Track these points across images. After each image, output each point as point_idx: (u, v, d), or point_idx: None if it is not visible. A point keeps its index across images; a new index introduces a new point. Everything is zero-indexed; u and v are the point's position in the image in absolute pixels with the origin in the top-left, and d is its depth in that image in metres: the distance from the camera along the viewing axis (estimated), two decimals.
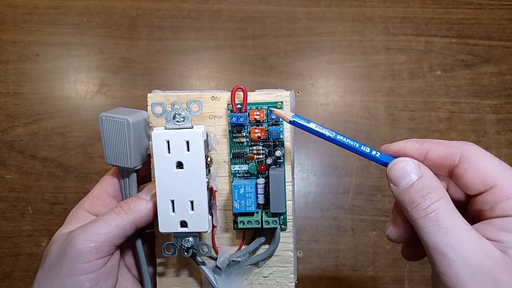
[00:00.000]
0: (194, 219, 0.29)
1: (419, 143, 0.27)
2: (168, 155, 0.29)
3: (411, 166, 0.26)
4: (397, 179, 0.26)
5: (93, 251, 0.28)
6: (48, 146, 0.56)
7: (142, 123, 0.31)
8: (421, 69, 0.57)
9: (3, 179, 0.55)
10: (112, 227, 0.29)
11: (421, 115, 0.56)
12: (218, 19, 0.59)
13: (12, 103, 0.57)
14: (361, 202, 0.55)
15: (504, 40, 0.58)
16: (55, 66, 0.58)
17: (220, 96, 0.31)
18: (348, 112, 0.57)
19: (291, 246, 0.32)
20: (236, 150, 0.32)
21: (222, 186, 0.32)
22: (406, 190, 0.25)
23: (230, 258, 0.31)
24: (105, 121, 0.31)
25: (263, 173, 0.31)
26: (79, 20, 0.59)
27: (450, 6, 0.59)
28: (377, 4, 0.59)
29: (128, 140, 0.30)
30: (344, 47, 0.58)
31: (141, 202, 0.30)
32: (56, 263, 0.28)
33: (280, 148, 0.31)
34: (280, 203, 0.29)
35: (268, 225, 0.30)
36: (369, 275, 0.53)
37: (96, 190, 0.33)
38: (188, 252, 0.30)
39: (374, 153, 0.27)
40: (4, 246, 0.54)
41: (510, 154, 0.55)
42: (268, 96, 0.31)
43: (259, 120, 0.31)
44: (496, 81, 0.57)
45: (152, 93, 0.32)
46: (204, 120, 0.32)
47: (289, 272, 0.33)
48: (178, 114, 0.29)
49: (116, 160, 0.31)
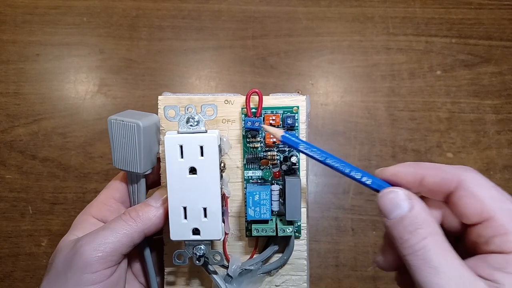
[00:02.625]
0: (207, 226, 0.28)
1: (414, 168, 0.25)
2: (181, 160, 0.28)
3: (401, 198, 0.24)
4: (387, 211, 0.25)
5: (101, 260, 0.27)
6: (48, 146, 0.56)
7: (153, 127, 0.30)
8: (421, 69, 0.57)
9: (3, 179, 0.55)
10: (120, 236, 0.28)
11: (421, 115, 0.56)
12: (218, 19, 0.59)
13: (12, 103, 0.57)
14: (361, 202, 0.55)
15: (504, 40, 0.58)
16: (55, 66, 0.58)
17: (234, 99, 0.31)
18: (348, 112, 0.57)
19: (304, 255, 0.32)
20: (250, 155, 0.31)
21: (234, 192, 0.32)
22: (395, 223, 0.24)
23: (242, 266, 0.31)
24: (115, 124, 0.30)
25: (278, 179, 0.31)
26: (80, 20, 0.59)
27: (450, 6, 0.59)
28: (377, 4, 0.59)
29: (138, 145, 0.29)
30: (344, 47, 0.58)
31: (151, 210, 0.29)
32: (62, 272, 0.28)
33: (295, 154, 0.31)
34: (296, 211, 0.28)
35: (284, 233, 0.29)
36: (369, 275, 0.53)
37: (103, 195, 0.32)
38: (200, 261, 0.29)
39: (365, 179, 0.26)
40: (4, 246, 0.54)
41: (510, 154, 0.55)
42: (284, 100, 0.31)
43: (274, 125, 0.30)
44: (496, 81, 0.57)
45: (162, 95, 0.31)
46: (217, 124, 0.31)
47: (302, 280, 0.32)
48: (192, 118, 0.28)
49: (125, 165, 0.30)
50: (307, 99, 0.31)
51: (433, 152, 0.55)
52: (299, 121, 0.31)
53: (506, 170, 0.55)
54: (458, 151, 0.55)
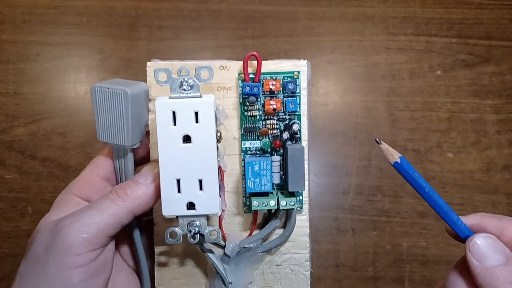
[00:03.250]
0: (203, 200, 0.26)
1: (498, 219, 0.25)
2: (173, 128, 0.25)
3: (499, 246, 0.24)
4: (484, 256, 0.24)
5: (85, 242, 0.25)
6: (48, 146, 0.56)
7: (142, 95, 0.28)
8: (421, 69, 0.57)
9: (3, 179, 0.55)
10: (107, 216, 0.25)
11: (422, 115, 0.56)
12: (218, 19, 0.59)
13: (11, 103, 0.57)
14: (361, 202, 0.55)
15: (505, 40, 0.58)
16: (55, 66, 0.58)
17: (229, 65, 0.29)
18: (348, 112, 0.57)
19: (307, 231, 0.30)
20: (248, 124, 0.29)
21: (231, 166, 0.29)
22: (491, 270, 0.23)
23: (240, 244, 0.29)
24: (99, 92, 0.27)
25: (278, 149, 0.29)
26: (79, 20, 0.59)
27: (450, 6, 0.59)
28: (377, 4, 0.59)
29: (126, 115, 0.26)
30: (344, 47, 0.58)
31: (139, 187, 0.27)
32: (42, 256, 0.25)
33: (297, 122, 0.28)
34: (299, 181, 0.26)
35: (286, 206, 0.27)
36: (369, 275, 0.53)
37: (87, 173, 0.30)
38: (194, 239, 0.27)
39: (460, 223, 0.26)
40: (4, 246, 0.54)
41: (510, 154, 0.55)
42: (284, 65, 0.29)
43: (274, 91, 0.28)
44: (496, 81, 0.57)
45: (152, 61, 0.29)
46: (212, 91, 0.29)
47: (305, 259, 0.30)
48: (185, 82, 0.25)
49: (110, 138, 0.27)
50: (308, 64, 0.29)
51: (433, 152, 0.55)
52: (300, 87, 0.29)
53: (506, 170, 0.55)
54: (458, 151, 0.55)
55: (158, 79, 0.26)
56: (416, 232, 0.54)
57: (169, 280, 0.30)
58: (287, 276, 0.30)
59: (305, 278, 0.30)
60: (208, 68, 0.26)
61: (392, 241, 0.54)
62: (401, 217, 0.54)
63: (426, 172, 0.54)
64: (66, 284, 0.25)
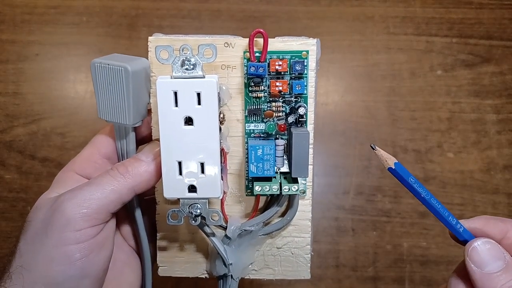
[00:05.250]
0: (205, 183, 0.25)
1: (502, 221, 0.25)
2: (175, 109, 0.24)
3: (498, 251, 0.24)
4: (482, 262, 0.24)
5: (85, 218, 0.24)
6: (47, 146, 0.56)
7: (143, 72, 0.27)
8: (422, 68, 0.57)
9: (3, 179, 0.55)
10: (107, 192, 0.25)
11: (422, 115, 0.56)
12: (218, 18, 0.59)
13: (11, 103, 0.57)
14: (362, 202, 0.55)
15: (505, 40, 0.58)
16: (54, 65, 0.58)
17: (234, 42, 0.27)
18: (349, 112, 0.57)
19: (309, 215, 0.30)
20: (252, 106, 0.27)
21: (234, 148, 0.28)
22: (490, 276, 0.23)
23: (242, 227, 0.28)
24: (99, 68, 0.26)
25: (283, 133, 0.28)
26: (79, 19, 0.59)
27: (450, 6, 0.59)
28: (377, 3, 0.59)
29: (126, 92, 0.26)
30: (344, 46, 0.58)
31: (141, 164, 0.26)
32: (41, 231, 0.25)
33: (303, 105, 0.27)
34: (303, 167, 0.25)
35: (288, 192, 0.26)
36: (369, 276, 0.53)
37: (88, 151, 0.29)
38: (196, 221, 0.26)
39: (458, 226, 0.25)
40: (3, 246, 0.54)
41: (511, 154, 0.55)
42: (292, 44, 0.27)
43: (280, 72, 0.27)
44: (496, 81, 0.57)
45: (153, 36, 0.28)
46: (216, 70, 0.27)
47: (306, 243, 0.30)
48: (187, 61, 0.24)
49: (111, 116, 0.27)
50: (318, 43, 0.28)
51: (434, 152, 0.55)
52: (308, 68, 0.28)
53: (506, 170, 0.55)
54: (458, 151, 0.55)
55: (160, 57, 0.25)
56: (417, 232, 0.54)
57: (171, 258, 0.30)
58: (287, 258, 0.30)
59: (305, 261, 0.30)
60: (212, 46, 0.25)
61: (392, 241, 0.54)
62: (402, 217, 0.54)
63: (426, 172, 0.54)
64: (66, 260, 0.24)
